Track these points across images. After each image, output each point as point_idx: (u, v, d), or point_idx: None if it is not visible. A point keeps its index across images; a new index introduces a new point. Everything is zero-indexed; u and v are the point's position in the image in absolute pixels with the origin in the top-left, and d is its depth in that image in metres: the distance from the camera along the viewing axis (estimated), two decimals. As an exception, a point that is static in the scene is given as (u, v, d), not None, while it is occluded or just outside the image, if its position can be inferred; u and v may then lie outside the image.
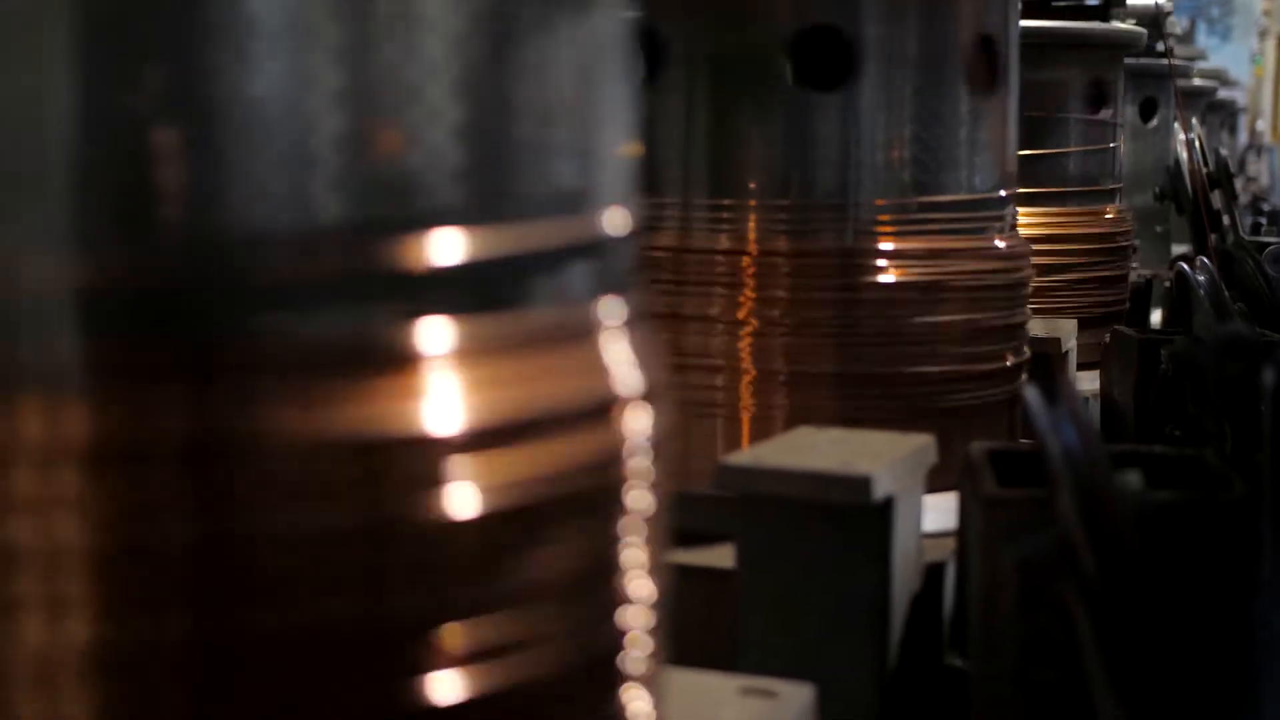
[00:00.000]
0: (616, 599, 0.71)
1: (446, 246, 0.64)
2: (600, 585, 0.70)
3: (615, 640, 0.71)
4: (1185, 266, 1.78)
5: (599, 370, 0.70)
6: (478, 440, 0.63)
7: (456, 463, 0.63)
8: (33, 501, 0.57)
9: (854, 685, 1.36)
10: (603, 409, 0.70)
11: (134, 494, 0.57)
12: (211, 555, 0.58)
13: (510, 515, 0.65)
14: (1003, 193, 1.84)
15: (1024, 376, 1.85)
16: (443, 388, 0.63)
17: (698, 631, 0.94)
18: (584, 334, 0.70)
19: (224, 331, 0.59)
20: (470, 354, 0.64)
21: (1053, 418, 1.02)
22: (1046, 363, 1.98)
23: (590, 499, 0.69)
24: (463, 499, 0.63)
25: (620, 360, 0.72)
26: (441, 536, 0.62)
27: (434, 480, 0.62)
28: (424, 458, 0.62)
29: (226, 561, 0.59)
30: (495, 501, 0.64)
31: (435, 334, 0.63)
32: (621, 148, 0.74)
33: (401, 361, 0.62)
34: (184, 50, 0.58)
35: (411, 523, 0.61)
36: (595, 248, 0.72)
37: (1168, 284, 2.77)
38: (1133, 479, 1.02)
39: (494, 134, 0.66)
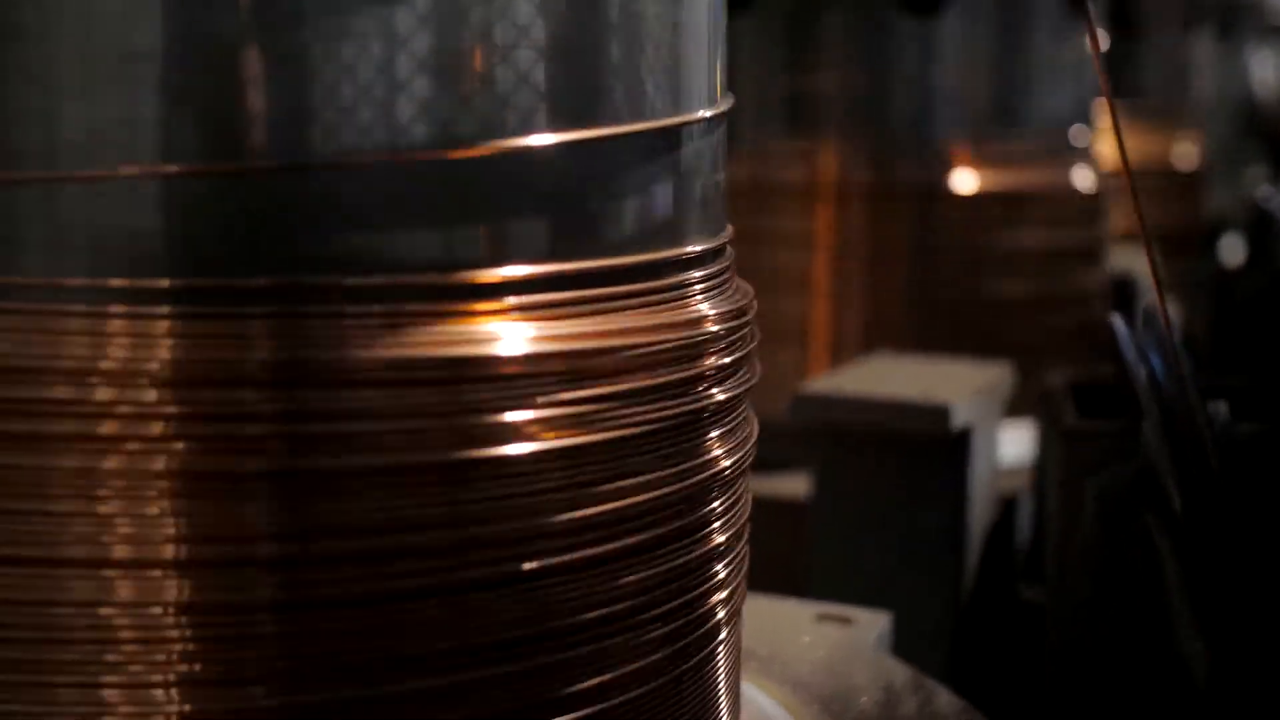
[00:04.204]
0: (700, 529, 0.71)
1: (533, 168, 0.64)
2: (683, 514, 0.70)
3: (697, 563, 0.71)
4: (1266, 197, 1.75)
5: (687, 301, 0.69)
6: (562, 370, 0.63)
7: (539, 392, 0.62)
8: (117, 423, 0.57)
9: (927, 615, 1.36)
10: (689, 341, 0.69)
11: (219, 418, 0.57)
12: (294, 480, 0.58)
13: (594, 445, 0.64)
14: (1078, 123, 1.83)
15: (1103, 305, 1.83)
16: (528, 315, 0.62)
17: (769, 560, 0.94)
18: (672, 271, 0.69)
19: (311, 253, 0.59)
20: (556, 282, 0.63)
21: (1139, 345, 1.00)
22: (1128, 291, 1.95)
23: (674, 430, 0.68)
24: (546, 428, 0.62)
25: (708, 293, 0.71)
26: (525, 467, 0.62)
27: (517, 410, 0.61)
28: (508, 386, 0.61)
29: (309, 486, 0.59)
30: (580, 432, 0.63)
31: (521, 259, 0.62)
32: (710, 69, 0.73)
33: (486, 298, 0.62)
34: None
35: (495, 453, 0.61)
36: (683, 171, 0.71)
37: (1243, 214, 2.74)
38: (1220, 409, 1.00)
39: (582, 53, 0.65)
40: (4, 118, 0.58)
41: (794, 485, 1.49)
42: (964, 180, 1.71)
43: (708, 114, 0.71)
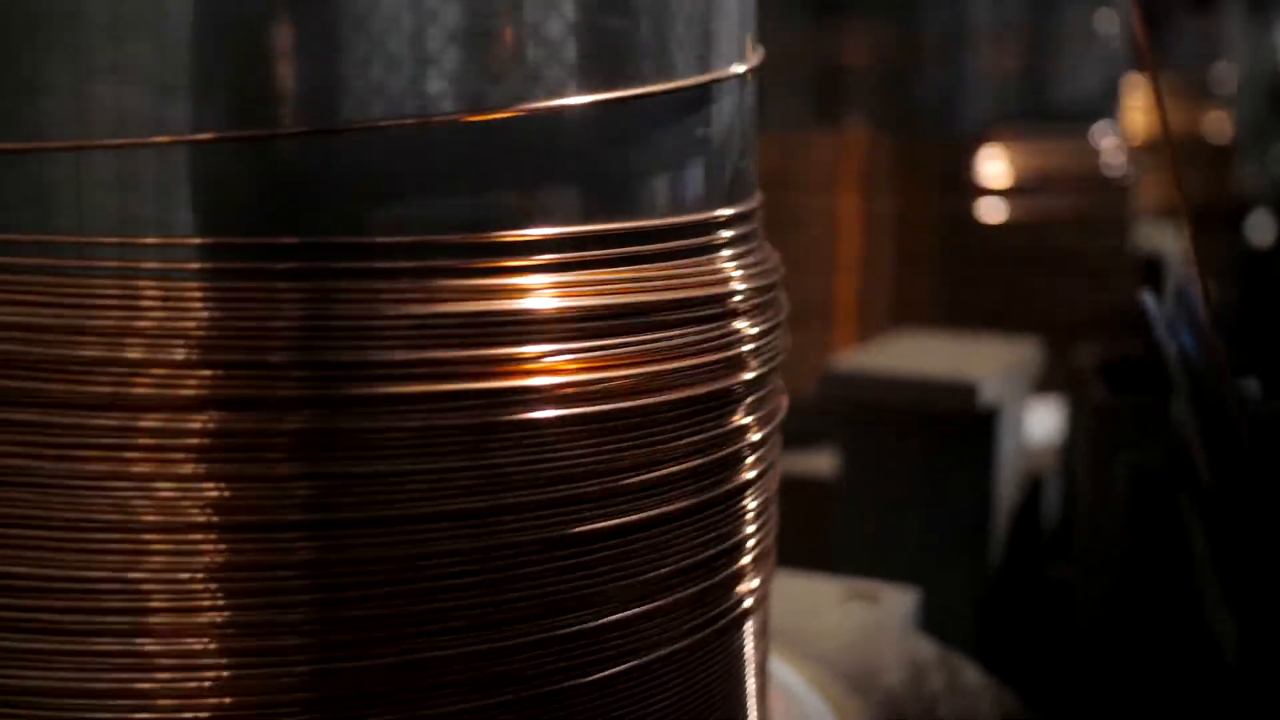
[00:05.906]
0: (729, 499, 0.71)
1: (563, 141, 0.63)
2: (714, 483, 0.70)
3: (726, 524, 0.71)
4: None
5: (714, 273, 0.69)
6: (591, 337, 0.63)
7: (568, 361, 0.62)
8: (149, 392, 0.57)
9: (954, 593, 1.35)
10: (718, 311, 0.69)
11: (249, 385, 0.58)
12: (324, 445, 0.59)
13: (623, 411, 0.64)
14: (1107, 99, 1.82)
15: (1132, 281, 1.82)
16: (556, 285, 0.62)
17: (796, 537, 0.93)
18: (700, 236, 0.69)
19: (340, 225, 0.59)
20: (584, 250, 0.63)
21: (1170, 322, 1.00)
22: (1157, 267, 1.95)
23: (704, 400, 0.68)
24: (576, 396, 0.62)
25: (736, 263, 0.71)
26: (555, 434, 0.62)
27: (547, 378, 0.61)
28: (536, 353, 0.61)
29: (339, 452, 0.59)
30: (609, 398, 0.63)
31: (550, 231, 0.62)
32: (740, 45, 0.72)
33: (516, 257, 0.62)
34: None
35: (525, 418, 0.61)
36: (713, 145, 0.70)
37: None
38: (1252, 386, 0.99)
39: (612, 28, 0.65)
40: (34, 87, 0.57)
41: (821, 462, 1.49)
42: (991, 156, 1.70)
43: (740, 69, 0.71)
